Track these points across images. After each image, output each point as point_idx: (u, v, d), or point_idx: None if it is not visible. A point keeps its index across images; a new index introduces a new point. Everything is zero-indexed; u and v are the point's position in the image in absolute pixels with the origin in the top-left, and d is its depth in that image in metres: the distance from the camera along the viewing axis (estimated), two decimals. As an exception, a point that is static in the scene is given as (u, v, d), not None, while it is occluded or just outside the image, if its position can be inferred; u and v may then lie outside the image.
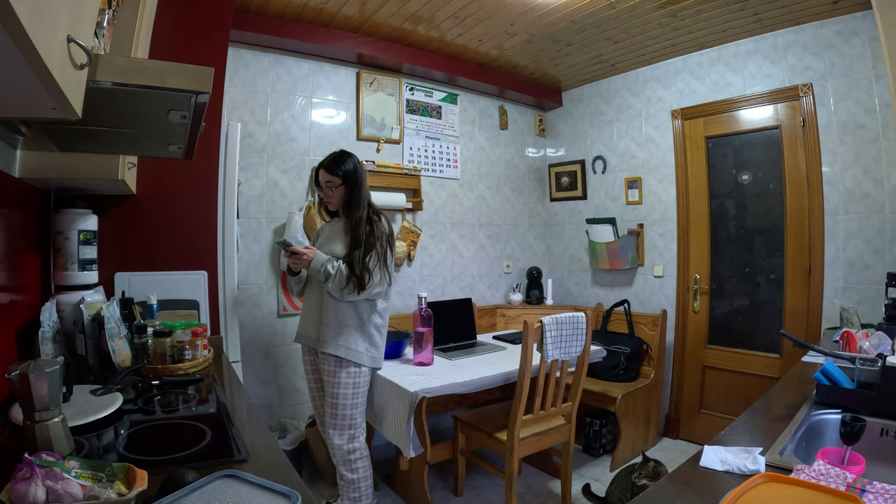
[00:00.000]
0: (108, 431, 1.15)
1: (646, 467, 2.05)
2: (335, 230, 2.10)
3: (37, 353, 1.40)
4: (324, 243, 2.09)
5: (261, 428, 1.23)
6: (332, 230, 2.12)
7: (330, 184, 2.03)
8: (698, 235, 3.22)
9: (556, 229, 4.10)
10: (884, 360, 1.24)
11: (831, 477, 0.85)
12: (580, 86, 3.88)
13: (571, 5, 2.60)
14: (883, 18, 1.84)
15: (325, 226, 2.21)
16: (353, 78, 3.13)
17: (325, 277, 1.92)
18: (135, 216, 2.01)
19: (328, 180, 2.03)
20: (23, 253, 1.51)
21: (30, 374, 0.89)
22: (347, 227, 2.03)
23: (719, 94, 3.08)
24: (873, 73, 2.48)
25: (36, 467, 0.73)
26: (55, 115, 0.76)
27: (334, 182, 2.02)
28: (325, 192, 2.05)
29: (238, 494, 0.81)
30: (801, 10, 2.59)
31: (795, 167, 2.80)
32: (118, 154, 1.50)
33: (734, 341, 3.09)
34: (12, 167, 1.40)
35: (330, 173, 2.02)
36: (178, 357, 1.70)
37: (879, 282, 2.43)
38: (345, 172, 2.02)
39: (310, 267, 1.93)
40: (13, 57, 0.55)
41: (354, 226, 2.01)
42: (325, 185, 2.03)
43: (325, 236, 2.13)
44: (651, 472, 2.04)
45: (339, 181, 2.02)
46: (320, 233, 2.20)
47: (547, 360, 2.18)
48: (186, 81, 0.91)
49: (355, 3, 2.59)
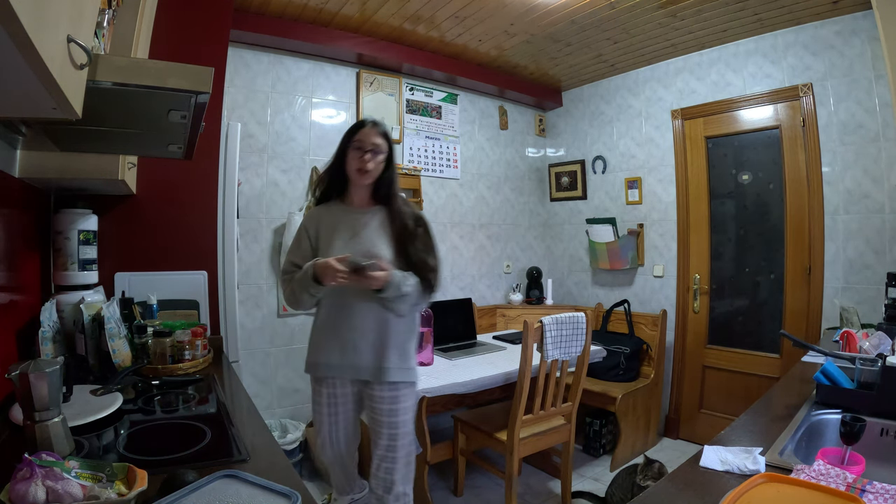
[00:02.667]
0: (108, 431, 1.15)
1: (650, 468, 2.04)
2: (361, 222, 1.62)
3: (37, 353, 1.40)
4: (350, 240, 1.60)
5: (261, 428, 1.22)
6: (353, 222, 1.63)
7: (378, 148, 1.58)
8: (698, 235, 3.22)
9: (556, 229, 4.10)
10: (884, 360, 1.24)
11: (831, 477, 0.85)
12: (580, 86, 3.88)
13: (571, 5, 2.60)
14: (883, 18, 1.85)
15: (324, 215, 1.67)
16: (353, 78, 3.13)
17: (400, 296, 1.51)
18: (135, 216, 2.01)
19: (378, 143, 1.58)
20: (23, 253, 1.51)
21: (30, 374, 0.89)
22: (390, 220, 1.61)
23: (719, 94, 3.08)
24: (873, 73, 2.48)
25: (36, 467, 0.73)
26: (55, 115, 0.76)
27: (382, 148, 1.59)
28: (364, 159, 1.56)
29: (238, 494, 0.81)
30: (801, 10, 2.59)
31: (795, 167, 2.80)
32: (118, 154, 1.50)
33: (734, 341, 3.09)
34: (12, 167, 1.40)
35: (382, 135, 1.59)
36: (178, 357, 1.70)
37: (879, 282, 2.43)
38: (391, 143, 1.62)
39: (386, 289, 1.49)
40: (13, 57, 0.55)
41: (405, 218, 1.61)
42: (372, 147, 1.57)
43: (348, 230, 1.62)
44: (656, 473, 2.03)
45: (388, 149, 1.61)
46: (321, 225, 1.66)
47: (547, 360, 2.18)
48: (186, 81, 0.91)
49: (355, 3, 2.59)
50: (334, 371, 1.62)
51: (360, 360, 1.59)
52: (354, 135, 1.58)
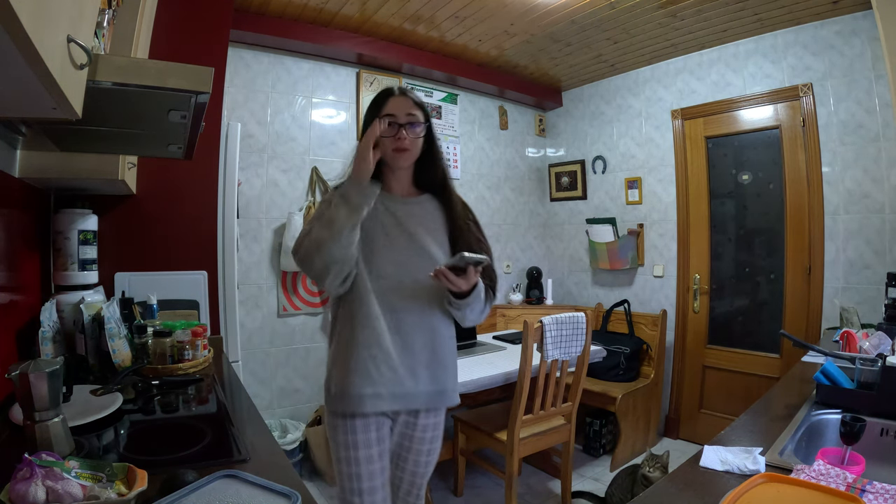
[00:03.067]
0: (108, 431, 1.15)
1: (658, 458, 2.07)
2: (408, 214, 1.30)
3: (37, 353, 1.40)
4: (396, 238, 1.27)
5: (261, 428, 1.22)
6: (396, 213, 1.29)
7: (415, 119, 1.24)
8: (698, 235, 3.22)
9: (556, 229, 4.10)
10: (884, 360, 1.24)
11: (831, 477, 0.85)
12: (580, 86, 3.88)
13: (571, 5, 2.60)
14: (883, 18, 1.85)
15: None
16: (353, 78, 3.13)
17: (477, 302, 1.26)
18: (135, 216, 2.01)
19: (414, 114, 1.24)
20: (23, 253, 1.51)
21: (30, 374, 0.89)
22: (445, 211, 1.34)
23: (719, 94, 3.08)
24: (873, 73, 2.48)
25: (36, 467, 0.73)
26: (55, 115, 0.76)
27: (419, 119, 1.25)
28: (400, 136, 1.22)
29: (238, 494, 0.81)
30: (801, 10, 2.58)
31: (795, 167, 2.80)
32: (118, 154, 1.50)
33: (734, 341, 3.09)
34: (12, 167, 1.40)
35: (418, 105, 1.27)
36: (178, 357, 1.70)
37: (879, 282, 2.43)
38: (428, 114, 1.30)
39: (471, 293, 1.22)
40: (13, 57, 0.55)
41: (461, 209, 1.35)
42: (408, 119, 1.23)
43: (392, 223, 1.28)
44: (665, 462, 2.06)
45: (426, 121, 1.28)
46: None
47: (547, 360, 2.18)
48: (186, 81, 0.91)
49: (355, 3, 2.59)
50: (384, 403, 1.22)
51: (415, 384, 1.25)
52: (382, 106, 1.25)
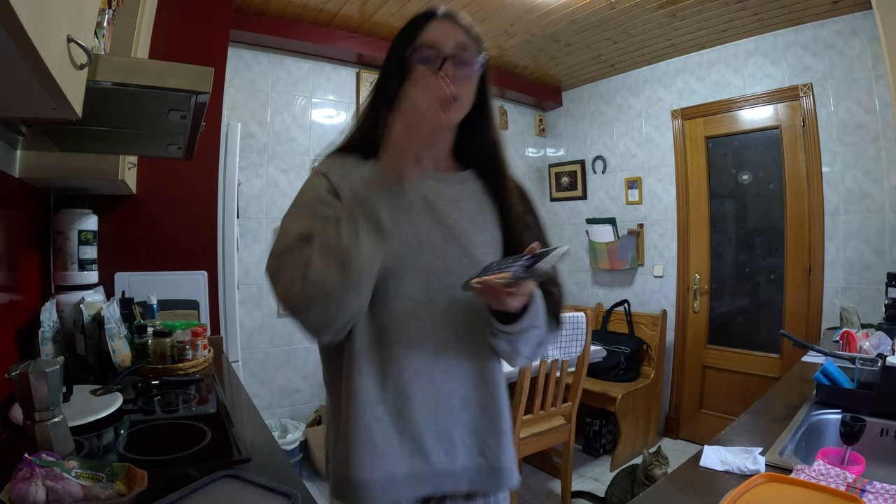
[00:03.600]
0: (108, 431, 1.15)
1: (661, 455, 2.08)
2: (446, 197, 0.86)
3: (37, 353, 1.39)
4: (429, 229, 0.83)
5: (261, 428, 1.22)
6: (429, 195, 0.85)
7: (467, 55, 0.84)
8: (698, 235, 3.22)
9: (555, 229, 4.09)
10: (884, 360, 1.24)
11: (831, 477, 0.85)
12: (580, 86, 3.88)
13: (571, 5, 2.60)
14: (883, 18, 1.84)
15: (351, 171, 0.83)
16: (353, 78, 3.13)
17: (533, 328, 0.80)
18: (135, 216, 2.01)
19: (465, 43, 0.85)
20: (23, 253, 1.51)
21: (30, 374, 0.88)
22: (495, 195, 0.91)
23: (719, 94, 3.08)
24: (873, 73, 2.48)
25: (36, 467, 0.73)
26: (55, 115, 0.76)
27: (472, 60, 0.85)
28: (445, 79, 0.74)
29: (238, 494, 0.80)
30: (801, 10, 2.58)
31: (795, 167, 2.80)
32: (118, 154, 1.50)
33: (734, 341, 3.09)
34: (12, 167, 1.39)
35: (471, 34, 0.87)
36: (178, 357, 1.69)
37: (879, 282, 2.43)
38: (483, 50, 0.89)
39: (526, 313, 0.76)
40: (13, 57, 0.55)
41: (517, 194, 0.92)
42: (456, 52, 0.83)
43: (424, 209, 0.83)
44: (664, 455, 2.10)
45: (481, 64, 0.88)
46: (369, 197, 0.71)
47: (547, 360, 2.18)
48: (186, 81, 0.91)
49: (355, 3, 2.59)
50: (403, 489, 0.79)
51: (451, 459, 0.81)
52: (419, 32, 0.87)
